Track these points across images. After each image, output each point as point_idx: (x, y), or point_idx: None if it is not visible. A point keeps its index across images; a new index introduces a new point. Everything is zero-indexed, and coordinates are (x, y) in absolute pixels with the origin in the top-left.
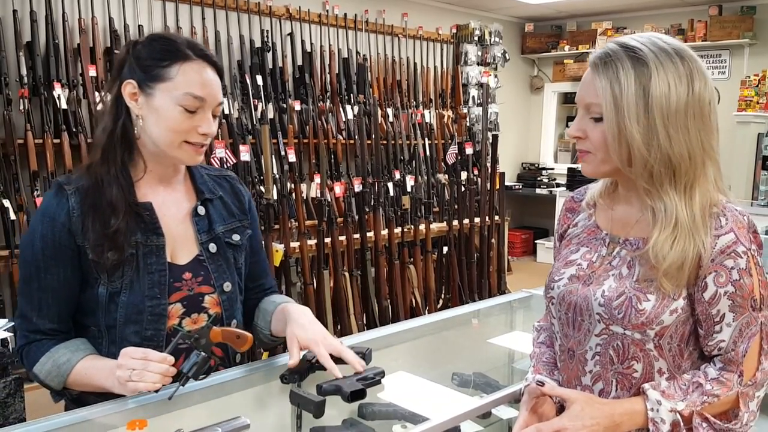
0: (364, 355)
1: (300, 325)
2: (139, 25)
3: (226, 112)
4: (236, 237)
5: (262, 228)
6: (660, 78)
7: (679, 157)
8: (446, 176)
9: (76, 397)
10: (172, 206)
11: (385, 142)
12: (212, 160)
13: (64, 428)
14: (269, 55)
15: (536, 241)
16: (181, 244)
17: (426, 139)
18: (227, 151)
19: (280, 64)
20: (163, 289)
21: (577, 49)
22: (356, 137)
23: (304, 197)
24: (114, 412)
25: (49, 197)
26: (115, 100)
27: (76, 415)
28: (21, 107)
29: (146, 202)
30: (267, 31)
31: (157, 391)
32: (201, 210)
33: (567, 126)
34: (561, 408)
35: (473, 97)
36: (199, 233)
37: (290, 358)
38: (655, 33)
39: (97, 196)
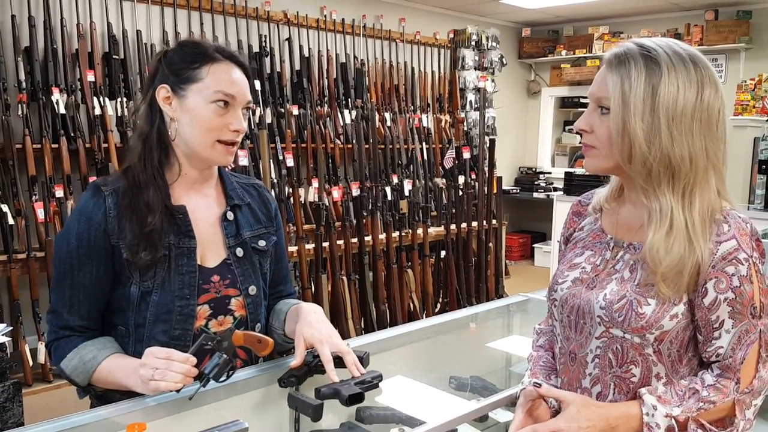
0: (362, 358)
1: (308, 322)
2: (137, 31)
3: None
4: (262, 243)
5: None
6: (670, 80)
7: (679, 159)
8: (444, 180)
9: (100, 394)
10: (203, 210)
11: (382, 146)
12: None
13: None
14: (267, 60)
15: (534, 245)
16: (210, 248)
17: (423, 143)
18: None
19: (278, 69)
20: (192, 290)
21: (573, 53)
22: (354, 142)
23: (302, 201)
24: (114, 415)
25: (86, 198)
26: (149, 106)
27: (75, 418)
28: (19, 112)
29: (180, 205)
30: (265, 36)
31: (178, 391)
32: (230, 215)
33: (564, 130)
34: (556, 413)
35: (470, 101)
36: (228, 237)
37: (295, 356)
38: (673, 39)
39: (134, 196)
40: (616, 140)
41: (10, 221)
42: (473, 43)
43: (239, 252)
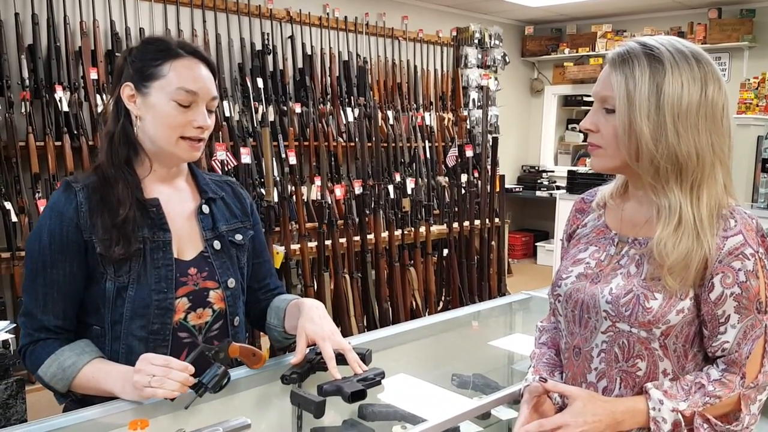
0: (364, 356)
1: (310, 318)
2: (140, 28)
3: (227, 114)
4: (239, 237)
5: (263, 230)
6: (674, 77)
7: (686, 156)
8: (446, 179)
9: (79, 399)
10: (177, 204)
11: (385, 144)
12: (213, 162)
13: (65, 429)
14: (270, 57)
15: (536, 244)
16: (186, 241)
17: (426, 141)
18: (228, 153)
19: (281, 67)
20: (169, 283)
21: (576, 51)
22: (356, 140)
23: (305, 199)
24: (115, 412)
25: (57, 194)
26: (116, 104)
27: (77, 415)
28: (23, 110)
29: (153, 198)
30: (268, 34)
31: (172, 399)
32: (205, 208)
33: (567, 128)
34: (560, 409)
35: (473, 99)
36: (204, 230)
37: (297, 353)
38: (675, 37)
39: (105, 191)
40: (622, 139)
41: (14, 218)
42: (476, 41)
43: (216, 245)
